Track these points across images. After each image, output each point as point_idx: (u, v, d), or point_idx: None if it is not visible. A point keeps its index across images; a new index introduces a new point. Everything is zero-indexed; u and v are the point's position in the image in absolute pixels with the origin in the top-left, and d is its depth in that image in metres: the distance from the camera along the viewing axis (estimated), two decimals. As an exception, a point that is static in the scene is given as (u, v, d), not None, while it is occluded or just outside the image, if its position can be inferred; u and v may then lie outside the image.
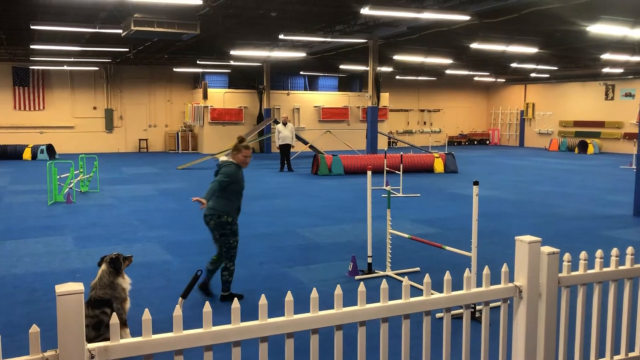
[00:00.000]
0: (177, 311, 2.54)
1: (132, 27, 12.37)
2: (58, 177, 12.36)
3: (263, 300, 2.70)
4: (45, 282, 6.44)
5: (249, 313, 3.45)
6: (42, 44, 18.26)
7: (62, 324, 2.27)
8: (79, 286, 2.29)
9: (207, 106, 26.01)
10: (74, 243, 8.39)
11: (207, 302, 2.62)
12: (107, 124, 26.62)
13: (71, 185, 12.63)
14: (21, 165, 20.10)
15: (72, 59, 22.84)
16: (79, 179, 13.58)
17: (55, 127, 25.58)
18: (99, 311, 3.95)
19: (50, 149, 22.84)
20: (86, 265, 7.17)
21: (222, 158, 5.96)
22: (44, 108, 25.47)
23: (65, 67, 24.54)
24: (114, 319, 2.43)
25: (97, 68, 25.62)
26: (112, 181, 15.66)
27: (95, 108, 26.47)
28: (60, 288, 2.28)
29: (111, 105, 26.73)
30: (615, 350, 3.77)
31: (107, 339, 2.43)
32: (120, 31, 13.84)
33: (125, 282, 4.21)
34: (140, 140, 27.27)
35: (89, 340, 2.68)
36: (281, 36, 15.95)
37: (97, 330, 3.91)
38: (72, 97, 26.02)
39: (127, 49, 19.96)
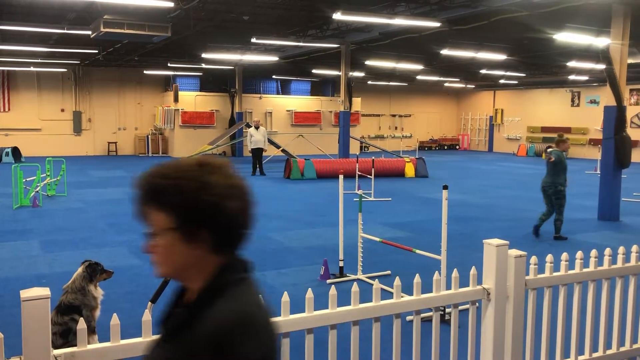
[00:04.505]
0: (146, 316, 2.51)
1: (102, 29, 12.17)
2: (24, 180, 12.08)
3: (234, 304, 2.69)
4: (9, 288, 6.29)
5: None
6: (7, 44, 17.83)
7: (27, 330, 2.22)
8: (45, 291, 2.25)
9: (178, 109, 25.76)
10: (40, 248, 8.21)
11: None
12: (75, 126, 26.12)
13: (37, 189, 12.35)
14: (-15, 168, 19.58)
15: (39, 60, 22.33)
16: (45, 182, 13.29)
17: (21, 129, 24.97)
18: (68, 318, 3.86)
19: (15, 151, 22.30)
20: (53, 270, 7.03)
21: (550, 149, 9.11)
22: (9, 110, 24.87)
23: (32, 68, 23.99)
24: (82, 325, 2.39)
25: (65, 70, 25.11)
26: (80, 185, 15.37)
27: (63, 110, 25.95)
28: (25, 293, 2.23)
29: (79, 107, 26.25)
30: (580, 351, 3.86)
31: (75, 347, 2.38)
32: (89, 32, 13.60)
33: (97, 292, 4.14)
34: (109, 143, 26.84)
35: (56, 349, 2.63)
36: (253, 40, 15.90)
37: (65, 338, 3.82)
38: (39, 98, 25.47)
39: (97, 51, 19.64)
